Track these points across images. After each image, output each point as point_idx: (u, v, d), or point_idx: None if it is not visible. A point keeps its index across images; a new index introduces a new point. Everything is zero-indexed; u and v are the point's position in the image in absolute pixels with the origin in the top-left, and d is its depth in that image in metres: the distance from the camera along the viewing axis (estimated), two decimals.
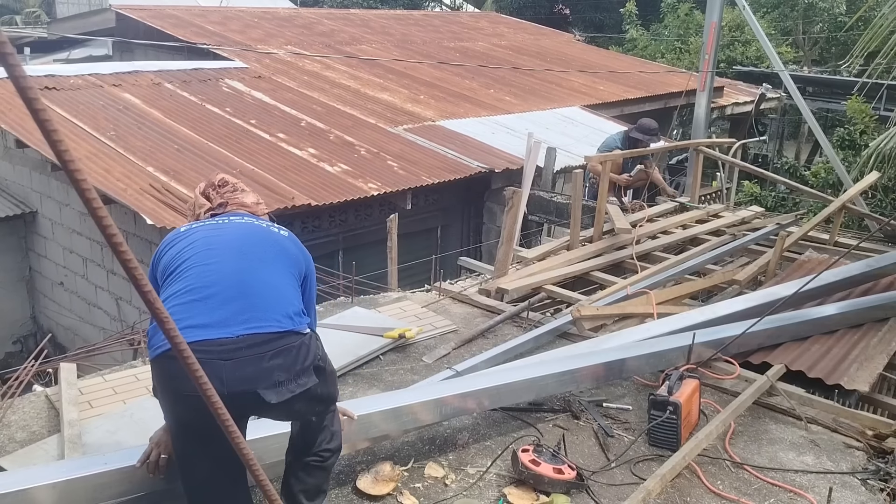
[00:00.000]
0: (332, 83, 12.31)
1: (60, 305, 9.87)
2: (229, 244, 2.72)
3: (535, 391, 3.97)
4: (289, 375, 2.50)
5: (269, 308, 2.56)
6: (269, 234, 2.84)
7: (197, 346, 2.36)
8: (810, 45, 22.52)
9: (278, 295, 2.63)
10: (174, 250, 2.74)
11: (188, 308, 2.50)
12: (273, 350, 2.48)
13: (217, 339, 2.44)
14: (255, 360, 2.45)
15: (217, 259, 2.65)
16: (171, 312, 2.45)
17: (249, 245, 2.74)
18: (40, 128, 1.02)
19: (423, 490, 3.36)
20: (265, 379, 2.46)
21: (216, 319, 2.48)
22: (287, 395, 2.49)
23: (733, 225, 7.74)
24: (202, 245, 2.71)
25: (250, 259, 2.68)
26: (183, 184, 7.60)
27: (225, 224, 2.85)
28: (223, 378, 2.37)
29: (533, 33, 19.58)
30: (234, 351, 2.43)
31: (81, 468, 2.86)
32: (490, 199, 10.00)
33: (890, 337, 4.91)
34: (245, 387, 2.43)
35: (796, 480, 3.55)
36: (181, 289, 2.57)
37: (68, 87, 9.90)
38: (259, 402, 2.46)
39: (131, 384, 4.20)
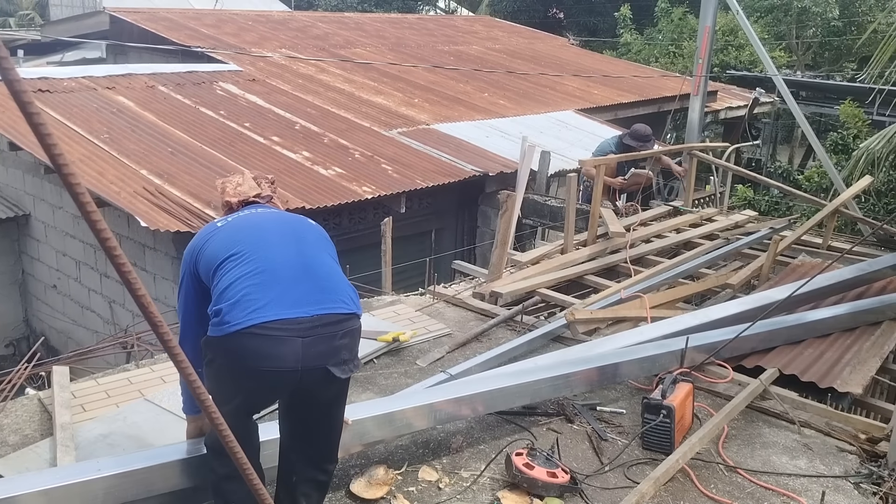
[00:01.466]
0: (327, 86, 12.31)
1: (53, 308, 9.84)
2: (283, 230, 2.88)
3: (528, 395, 3.97)
4: (350, 355, 2.74)
5: (336, 290, 2.75)
6: (312, 226, 3.01)
7: (278, 323, 2.58)
8: (804, 49, 22.60)
9: (340, 278, 2.82)
10: (217, 240, 2.83)
11: (262, 289, 2.64)
12: (343, 330, 2.69)
13: (295, 318, 2.60)
14: (328, 339, 2.65)
15: (276, 242, 2.80)
16: (248, 292, 2.61)
17: (299, 231, 2.91)
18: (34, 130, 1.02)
19: (416, 494, 3.36)
20: (334, 356, 2.67)
21: (291, 299, 2.64)
22: (349, 372, 2.73)
23: (727, 229, 7.76)
24: (255, 231, 2.85)
25: (308, 244, 2.86)
26: (177, 187, 7.59)
27: (270, 213, 3.01)
28: (300, 354, 2.58)
29: (527, 37, 19.61)
30: (310, 329, 2.61)
31: (75, 474, 2.84)
32: (484, 202, 10.00)
33: (882, 341, 4.93)
34: (318, 362, 2.63)
35: (789, 484, 3.56)
36: (250, 270, 2.68)
37: (62, 89, 9.88)
38: (327, 376, 2.66)
39: (124, 387, 4.19)
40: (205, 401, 1.41)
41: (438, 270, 6.41)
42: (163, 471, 2.94)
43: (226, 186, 3.12)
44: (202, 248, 2.83)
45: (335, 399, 2.84)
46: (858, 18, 21.41)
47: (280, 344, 2.56)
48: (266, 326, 2.56)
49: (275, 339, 2.56)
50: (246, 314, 2.57)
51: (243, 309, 2.59)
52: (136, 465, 2.91)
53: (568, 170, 9.42)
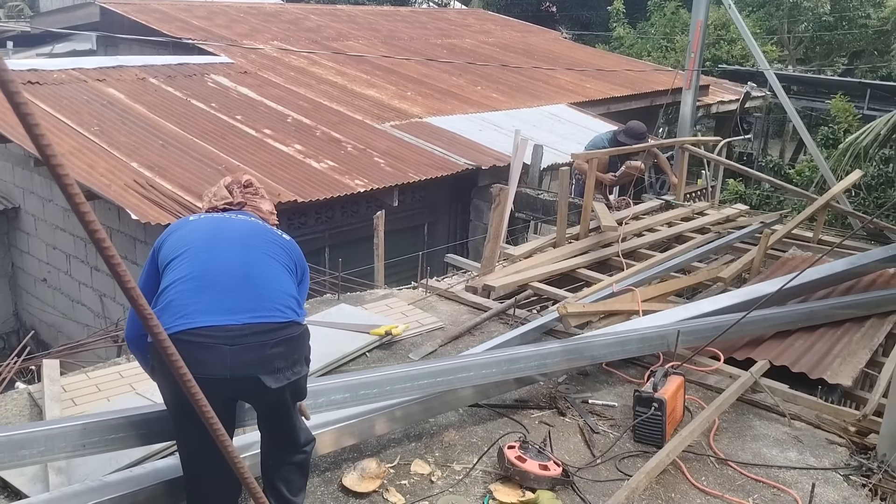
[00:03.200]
0: (319, 79, 12.28)
1: (43, 302, 9.80)
2: (234, 236, 2.83)
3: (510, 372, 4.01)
4: (287, 363, 2.65)
5: (272, 298, 2.69)
6: (272, 234, 2.96)
7: (205, 331, 2.53)
8: (795, 44, 22.66)
9: (280, 286, 2.75)
10: (177, 235, 2.83)
11: (195, 293, 2.61)
12: (276, 339, 2.61)
13: (224, 326, 2.55)
14: (259, 348, 2.58)
15: (223, 248, 2.77)
16: (178, 296, 2.58)
17: (253, 239, 2.85)
18: (22, 122, 1.01)
19: (409, 487, 3.37)
20: (266, 365, 2.59)
21: (223, 307, 2.60)
22: (284, 381, 2.63)
23: (718, 223, 7.78)
24: (208, 233, 2.82)
25: (254, 251, 2.80)
26: (167, 179, 7.56)
27: (232, 219, 2.96)
28: (227, 362, 2.53)
29: (520, 30, 19.59)
30: (239, 337, 2.56)
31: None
32: (477, 196, 10.00)
33: (872, 332, 4.96)
34: (247, 371, 2.57)
35: (780, 476, 3.57)
36: (187, 274, 2.67)
37: (52, 81, 9.82)
38: (258, 386, 2.59)
39: (115, 381, 4.18)
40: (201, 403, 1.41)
41: (431, 264, 6.41)
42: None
43: (206, 195, 3.13)
44: (166, 239, 2.84)
45: (279, 405, 2.77)
46: (849, 13, 21.48)
47: (205, 351, 2.51)
48: (192, 332, 2.52)
49: (200, 346, 2.50)
50: (173, 319, 2.54)
51: (172, 314, 2.55)
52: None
53: (560, 164, 9.43)
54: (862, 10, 21.44)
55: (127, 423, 2.87)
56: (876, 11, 21.22)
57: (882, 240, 7.30)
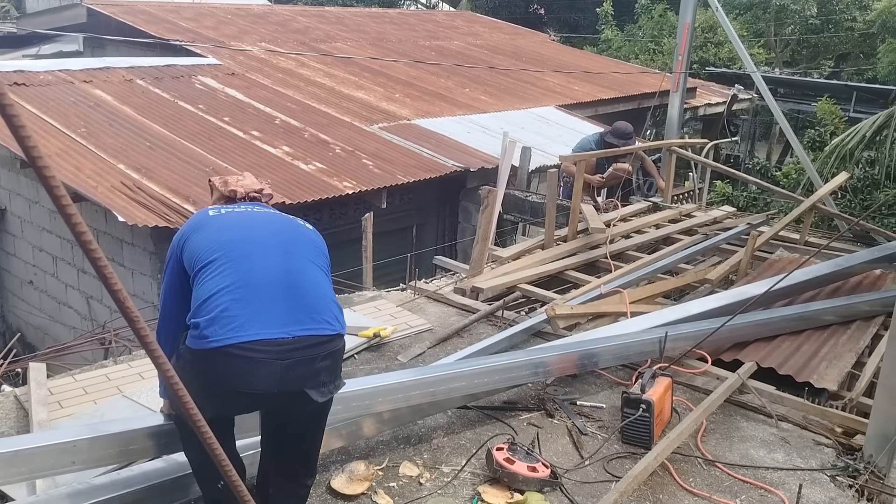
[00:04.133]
0: (307, 81, 12.26)
1: (30, 304, 9.73)
2: (270, 239, 2.75)
3: (506, 378, 4.00)
4: (331, 377, 2.64)
5: (320, 310, 2.63)
6: (302, 229, 2.89)
7: (256, 344, 2.46)
8: (782, 46, 22.79)
9: (325, 296, 2.70)
10: (204, 234, 2.72)
11: (243, 305, 2.53)
12: (324, 352, 2.58)
13: (275, 339, 2.49)
14: (308, 362, 2.54)
15: (261, 253, 2.68)
16: (226, 307, 2.50)
17: (290, 242, 2.78)
18: (8, 124, 1.00)
19: (397, 489, 3.36)
20: (313, 378, 2.57)
21: (272, 318, 2.53)
22: (328, 395, 2.63)
23: (705, 224, 7.81)
24: (242, 235, 2.73)
25: (296, 257, 2.72)
26: (155, 181, 7.53)
27: (257, 213, 2.88)
28: (278, 376, 2.48)
29: (508, 33, 19.62)
30: (290, 352, 2.50)
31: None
32: (465, 198, 10.00)
33: (858, 335, 4.99)
34: (295, 386, 2.53)
35: (767, 477, 3.59)
36: (232, 283, 2.57)
37: (38, 82, 9.76)
38: (303, 398, 2.56)
39: (102, 384, 4.16)
40: (181, 394, 1.40)
41: (419, 266, 6.41)
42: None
43: (227, 179, 3.04)
44: (189, 237, 2.73)
45: (313, 418, 2.74)
46: (836, 17, 21.62)
47: (258, 366, 2.46)
48: (245, 347, 2.45)
49: (253, 362, 2.45)
50: (225, 331, 2.46)
51: (223, 325, 2.47)
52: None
53: (549, 166, 9.44)
54: (848, 13, 21.59)
55: (117, 440, 2.83)
56: (862, 14, 21.36)
57: (868, 241, 7.35)
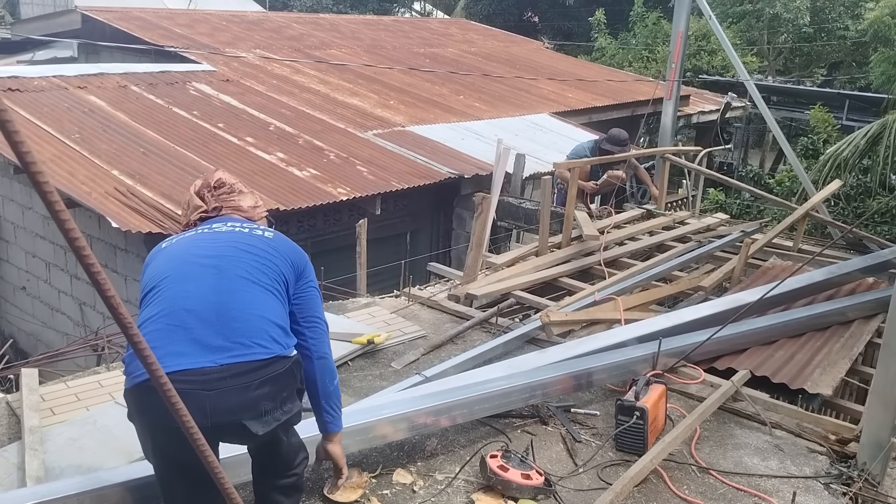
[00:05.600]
0: (302, 87, 12.26)
1: (22, 310, 9.70)
2: (206, 261, 2.55)
3: (504, 406, 3.97)
4: (275, 404, 2.40)
5: (253, 333, 2.42)
6: (250, 241, 2.66)
7: (178, 375, 2.25)
8: (775, 55, 22.89)
9: (261, 316, 2.47)
10: (153, 265, 2.62)
11: (166, 334, 2.37)
12: (259, 379, 2.36)
13: (200, 369, 2.31)
14: (241, 391, 2.33)
15: (194, 278, 2.50)
16: (149, 339, 2.24)
17: (228, 260, 2.56)
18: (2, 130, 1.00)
19: (391, 497, 3.35)
20: (251, 409, 2.34)
21: (197, 347, 2.35)
22: (273, 423, 2.40)
23: (699, 232, 7.83)
24: (179, 262, 2.57)
25: (229, 277, 2.51)
26: (148, 187, 7.52)
27: (204, 234, 2.69)
28: (206, 409, 2.26)
29: (503, 40, 19.67)
30: (217, 381, 2.31)
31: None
32: (459, 204, 10.01)
33: (852, 342, 5.00)
34: (230, 418, 2.32)
35: (761, 485, 3.59)
36: (157, 312, 2.43)
37: (32, 88, 9.75)
38: (243, 432, 2.35)
39: (95, 390, 4.14)
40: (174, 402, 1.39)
41: (413, 272, 6.41)
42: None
43: (182, 207, 2.91)
44: (144, 272, 2.63)
45: (269, 447, 2.56)
46: (829, 25, 21.73)
47: (182, 398, 2.24)
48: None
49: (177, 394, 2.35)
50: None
51: None
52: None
53: (543, 172, 9.46)
54: (841, 21, 21.70)
55: (123, 489, 2.82)
56: (854, 23, 21.46)
57: (861, 249, 7.37)
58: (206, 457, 1.45)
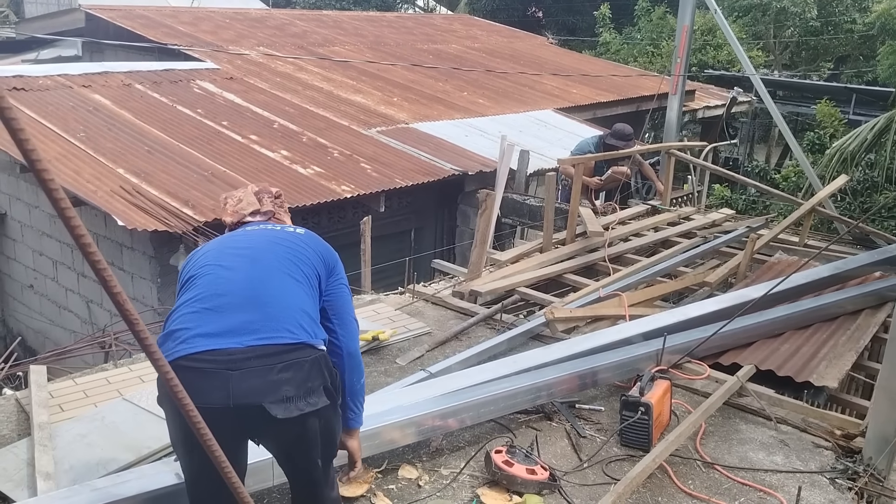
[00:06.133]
0: (305, 85, 12.27)
1: (30, 308, 9.74)
2: (241, 251, 2.65)
3: (510, 408, 3.98)
4: (298, 392, 2.37)
5: (281, 318, 2.46)
6: (283, 236, 2.74)
7: (205, 355, 2.33)
8: (781, 49, 22.82)
9: (292, 304, 2.52)
10: (193, 261, 2.70)
11: (199, 317, 2.43)
12: (283, 363, 2.37)
13: (225, 349, 2.35)
14: (263, 372, 2.34)
15: (228, 266, 2.58)
16: (182, 321, 2.42)
17: (262, 251, 2.64)
18: (7, 129, 1.01)
19: (396, 491, 3.36)
20: (272, 392, 2.33)
21: (226, 328, 2.40)
22: (295, 412, 2.35)
23: (704, 227, 7.82)
24: (215, 254, 2.67)
25: (262, 266, 2.58)
26: (154, 185, 7.54)
27: (239, 232, 2.81)
28: (229, 389, 2.29)
29: (506, 36, 19.64)
30: (241, 361, 2.34)
31: None
32: (463, 201, 10.01)
33: (858, 335, 4.99)
34: (251, 399, 2.32)
35: (766, 480, 3.59)
36: (192, 297, 2.51)
37: (37, 87, 9.77)
38: (265, 417, 2.33)
39: (102, 387, 4.16)
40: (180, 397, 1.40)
41: (418, 269, 6.42)
42: None
43: (227, 202, 2.95)
44: (183, 269, 2.71)
45: (294, 443, 2.50)
46: (835, 18, 21.66)
47: (207, 377, 2.30)
48: (193, 358, 2.33)
49: (201, 373, 2.30)
50: (175, 345, 2.37)
51: (174, 339, 2.39)
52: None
53: (547, 169, 9.46)
54: (848, 15, 21.63)
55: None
56: (861, 16, 21.41)
57: (867, 244, 7.36)
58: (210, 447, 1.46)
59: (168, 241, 7.16)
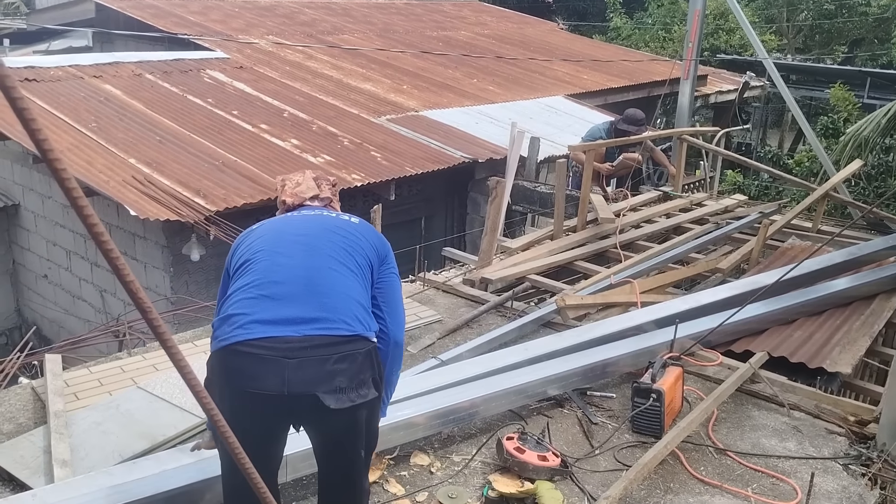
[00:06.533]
0: (315, 73, 12.26)
1: (45, 298, 9.81)
2: (298, 238, 2.65)
3: (519, 402, 3.98)
4: (350, 384, 2.40)
5: (338, 309, 2.47)
6: (338, 224, 2.75)
7: (262, 342, 2.36)
8: (794, 32, 22.61)
9: (347, 295, 2.54)
10: (246, 242, 2.70)
11: (256, 303, 2.46)
12: (338, 354, 2.39)
13: (283, 337, 2.37)
14: (319, 363, 2.37)
15: (286, 253, 2.59)
16: (239, 306, 2.44)
17: (317, 238, 2.66)
18: (20, 119, 1.01)
19: (409, 478, 3.38)
20: (326, 382, 2.36)
21: (283, 317, 2.42)
22: (347, 403, 2.38)
23: (716, 213, 7.78)
24: (271, 238, 2.67)
25: (320, 255, 2.59)
26: (165, 175, 7.56)
27: (294, 216, 2.82)
28: (284, 377, 2.32)
29: (516, 22, 19.55)
30: (298, 350, 2.36)
31: None
32: (474, 189, 10.00)
33: (872, 320, 4.97)
34: (305, 388, 2.34)
35: (779, 466, 3.59)
36: (249, 282, 2.52)
37: (49, 78, 9.80)
38: (317, 406, 2.35)
39: (117, 376, 4.20)
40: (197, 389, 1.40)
41: (428, 257, 6.42)
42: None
43: (285, 184, 2.97)
44: (235, 249, 2.71)
45: (343, 436, 2.51)
46: (849, 1, 21.43)
47: (264, 364, 2.34)
48: (251, 344, 2.36)
49: (258, 359, 2.34)
50: (232, 329, 2.40)
51: (231, 324, 2.42)
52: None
53: (557, 156, 9.42)
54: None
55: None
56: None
57: (882, 229, 7.30)
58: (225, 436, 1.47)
59: (180, 230, 7.19)
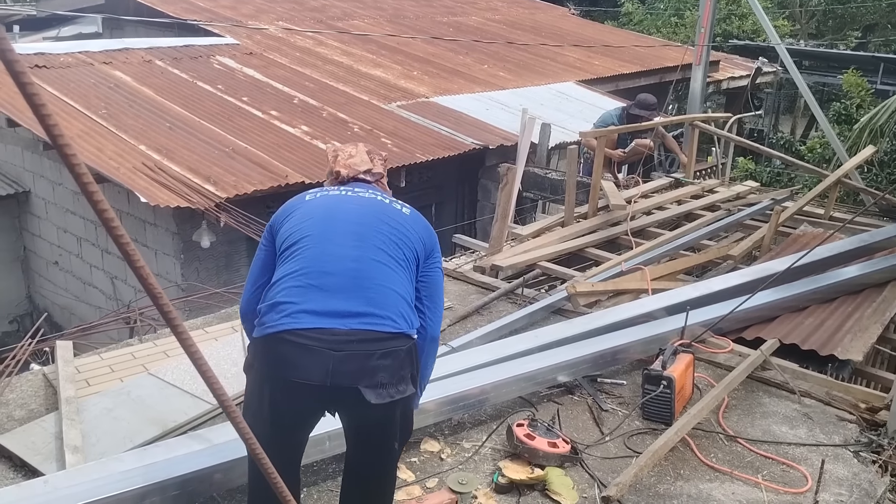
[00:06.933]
0: (325, 59, 12.23)
1: (56, 285, 9.86)
2: (348, 226, 2.61)
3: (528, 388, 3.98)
4: (391, 379, 2.43)
5: (385, 305, 2.48)
6: (390, 213, 2.70)
7: (309, 332, 2.37)
8: (807, 18, 22.42)
9: (395, 291, 2.53)
10: (294, 218, 2.66)
11: (304, 292, 2.45)
12: (382, 350, 2.41)
13: (330, 329, 2.39)
14: (364, 357, 2.39)
15: (336, 242, 2.56)
16: (287, 294, 2.43)
17: (368, 227, 2.62)
18: (30, 106, 1.01)
19: (419, 464, 3.39)
20: (369, 377, 2.38)
21: (331, 309, 2.42)
22: (387, 398, 2.41)
23: (728, 200, 7.74)
24: (322, 221, 2.63)
25: (368, 246, 2.57)
26: (175, 162, 7.57)
27: (348, 196, 2.73)
28: (329, 369, 2.34)
29: (527, 7, 19.43)
30: (344, 343, 2.38)
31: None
32: (484, 175, 9.98)
33: (884, 307, 4.94)
34: (348, 381, 2.37)
35: (789, 453, 3.58)
36: (298, 269, 2.51)
37: (58, 65, 9.82)
38: (357, 399, 2.37)
39: (128, 362, 4.22)
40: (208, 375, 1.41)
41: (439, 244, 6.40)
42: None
43: (337, 154, 2.91)
44: (283, 222, 2.68)
45: (379, 430, 2.54)
46: None
47: (309, 354, 2.35)
48: (298, 333, 2.37)
49: (304, 349, 2.36)
50: (280, 317, 2.41)
51: (279, 312, 2.42)
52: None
53: (568, 142, 9.39)
54: None
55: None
56: None
57: (894, 216, 7.25)
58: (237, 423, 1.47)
59: (190, 217, 7.21)
